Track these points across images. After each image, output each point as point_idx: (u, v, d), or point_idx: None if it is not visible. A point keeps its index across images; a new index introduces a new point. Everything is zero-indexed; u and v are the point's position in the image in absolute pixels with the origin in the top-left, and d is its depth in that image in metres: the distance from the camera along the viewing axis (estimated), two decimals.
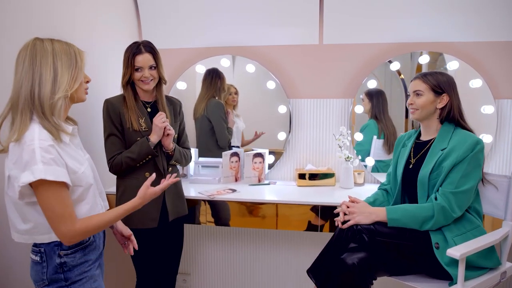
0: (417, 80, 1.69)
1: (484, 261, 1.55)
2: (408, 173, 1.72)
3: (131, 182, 1.81)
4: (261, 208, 2.06)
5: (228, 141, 2.54)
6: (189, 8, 2.45)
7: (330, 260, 1.63)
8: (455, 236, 1.54)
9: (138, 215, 1.73)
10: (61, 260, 1.24)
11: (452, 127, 1.66)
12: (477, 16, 2.20)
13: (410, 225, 1.58)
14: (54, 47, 1.23)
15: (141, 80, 1.80)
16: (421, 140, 1.75)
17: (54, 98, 1.20)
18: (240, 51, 2.51)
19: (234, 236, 2.59)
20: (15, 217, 1.24)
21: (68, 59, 1.25)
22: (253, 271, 2.60)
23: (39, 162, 1.11)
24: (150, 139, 1.77)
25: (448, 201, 1.54)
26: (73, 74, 1.25)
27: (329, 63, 2.42)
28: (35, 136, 1.15)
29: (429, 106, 1.66)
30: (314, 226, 2.02)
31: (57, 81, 1.21)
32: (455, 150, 1.57)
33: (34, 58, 1.20)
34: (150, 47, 1.82)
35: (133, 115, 1.80)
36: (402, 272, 1.60)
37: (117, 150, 1.80)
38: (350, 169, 2.29)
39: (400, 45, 2.34)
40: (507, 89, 2.23)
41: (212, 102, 2.52)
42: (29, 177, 1.11)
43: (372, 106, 2.41)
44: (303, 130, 2.50)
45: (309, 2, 2.33)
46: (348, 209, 1.68)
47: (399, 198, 1.77)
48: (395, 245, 1.55)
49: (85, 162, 1.32)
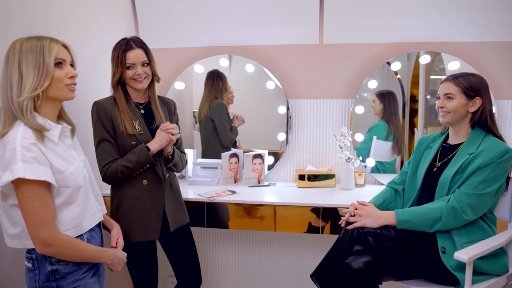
0: (448, 83, 1.62)
1: (491, 267, 1.53)
2: (431, 176, 1.67)
3: (128, 191, 1.69)
4: (260, 210, 2.03)
5: (231, 140, 2.53)
6: (187, 7, 2.41)
7: (334, 264, 1.60)
8: (464, 242, 1.51)
9: (139, 227, 1.69)
10: (52, 267, 1.20)
11: (483, 133, 1.60)
12: (478, 16, 2.19)
13: (420, 226, 1.55)
14: (22, 47, 1.19)
15: (134, 78, 1.67)
16: (448, 143, 1.70)
17: (20, 100, 1.15)
18: (239, 50, 2.47)
19: (233, 238, 2.56)
20: (5, 221, 1.21)
21: (34, 57, 1.18)
22: (253, 273, 2.57)
23: (19, 160, 1.08)
24: (150, 147, 1.64)
25: (461, 201, 1.50)
26: (41, 72, 1.18)
27: (329, 63, 2.40)
28: (18, 135, 1.12)
29: (461, 109, 1.60)
30: (315, 228, 2.00)
31: (22, 82, 1.17)
32: (482, 155, 1.52)
33: (7, 60, 1.19)
34: (140, 42, 1.70)
35: (126, 118, 1.66)
36: (408, 276, 1.58)
37: (111, 157, 1.65)
38: (350, 170, 2.27)
39: (400, 45, 2.32)
40: (508, 90, 2.23)
41: (215, 103, 2.50)
42: (8, 177, 1.08)
43: (384, 107, 2.39)
44: (303, 130, 2.48)
45: (309, 2, 2.30)
46: (356, 211, 1.66)
47: (416, 199, 1.71)
48: (400, 250, 1.53)
49: (76, 162, 1.27)
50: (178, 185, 1.90)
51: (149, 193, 1.71)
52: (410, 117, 2.37)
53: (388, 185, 1.89)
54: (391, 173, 2.42)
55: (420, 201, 1.72)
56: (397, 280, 1.58)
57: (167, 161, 1.76)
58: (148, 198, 1.70)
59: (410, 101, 2.36)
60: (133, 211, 1.69)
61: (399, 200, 1.82)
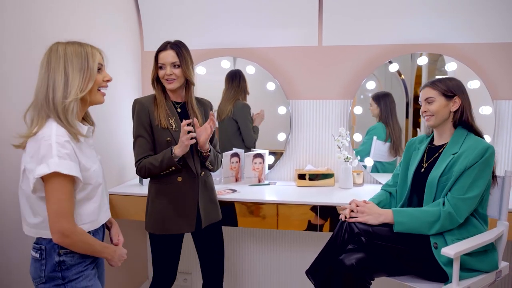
0: (427, 88, 1.70)
1: (481, 264, 1.57)
2: (419, 176, 1.73)
3: (163, 187, 1.77)
4: (261, 208, 2.08)
5: (254, 141, 2.57)
6: (189, 10, 2.48)
7: (328, 261, 1.65)
8: (456, 239, 1.55)
9: (173, 221, 1.76)
10: (60, 258, 1.27)
11: (465, 132, 1.67)
12: (475, 17, 2.22)
13: (416, 229, 1.58)
14: (66, 51, 1.27)
15: (165, 79, 1.75)
16: (434, 145, 1.76)
17: (66, 102, 1.24)
18: (240, 52, 2.53)
19: (235, 235, 2.62)
20: (27, 211, 1.28)
21: (79, 62, 1.27)
22: (255, 270, 2.63)
23: (55, 156, 1.16)
24: (174, 151, 1.69)
25: (456, 207, 1.55)
26: (85, 75, 1.28)
27: (328, 65, 2.45)
28: (52, 132, 1.20)
29: (443, 110, 1.67)
30: (314, 225, 2.04)
31: (68, 85, 1.25)
32: (465, 155, 1.58)
33: (49, 63, 1.25)
34: (176, 45, 1.77)
35: (162, 112, 1.74)
36: (400, 273, 1.62)
37: (144, 153, 1.75)
38: (349, 170, 2.32)
39: (398, 46, 2.36)
40: (505, 90, 2.25)
41: (239, 104, 2.53)
42: (44, 169, 1.15)
43: (380, 110, 2.43)
44: (303, 131, 2.53)
45: (308, 5, 2.36)
46: (357, 208, 1.70)
47: (407, 200, 1.77)
48: (392, 249, 1.57)
49: (97, 161, 1.36)
50: (212, 184, 1.93)
51: (184, 189, 1.78)
52: (414, 117, 2.41)
53: (382, 189, 1.94)
54: (391, 172, 2.45)
55: (411, 201, 1.77)
56: (389, 276, 1.62)
57: (203, 159, 1.81)
58: (182, 194, 1.78)
59: (413, 102, 2.39)
60: (169, 205, 1.77)
61: (394, 202, 1.87)
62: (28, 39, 1.67)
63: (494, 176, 1.66)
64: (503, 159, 2.30)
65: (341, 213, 1.72)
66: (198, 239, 1.95)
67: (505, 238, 1.63)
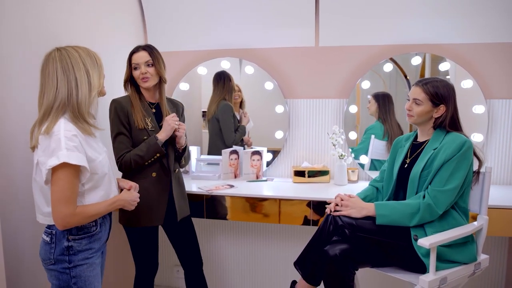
0: (418, 88, 1.72)
1: (459, 256, 1.62)
2: (403, 171, 1.79)
3: (138, 182, 1.79)
4: (258, 203, 2.15)
5: (234, 141, 2.65)
6: (191, 12, 2.57)
7: (314, 252, 1.73)
8: (435, 231, 1.61)
9: (145, 214, 1.86)
10: (68, 243, 1.39)
11: (444, 131, 1.72)
12: (468, 18, 2.26)
13: (397, 221, 1.65)
14: (80, 53, 1.41)
15: (140, 78, 1.85)
16: (417, 141, 1.82)
17: (92, 96, 1.41)
18: (240, 53, 2.62)
19: (231, 229, 2.71)
20: (40, 201, 1.41)
21: (91, 61, 1.43)
22: (250, 264, 2.70)
23: (64, 148, 1.29)
24: (158, 137, 1.81)
25: (436, 198, 1.61)
26: (99, 72, 1.45)
27: (324, 65, 2.51)
28: (61, 127, 1.33)
29: (425, 115, 1.72)
30: (310, 221, 2.11)
31: (90, 81, 1.41)
32: (444, 149, 1.64)
33: (66, 65, 1.38)
34: (148, 46, 1.88)
35: (139, 113, 1.84)
36: (382, 264, 1.68)
37: (126, 148, 1.83)
38: (343, 167, 2.38)
39: (393, 47, 2.41)
40: (498, 90, 2.29)
41: (221, 104, 2.63)
42: (54, 161, 1.28)
43: (378, 106, 2.49)
44: (300, 129, 2.60)
45: (305, 6, 2.43)
46: (342, 202, 1.77)
47: (392, 194, 1.84)
48: (374, 241, 1.64)
49: (103, 153, 1.48)
50: (183, 179, 2.07)
51: (157, 184, 1.89)
52: None
53: (370, 184, 2.00)
54: None
55: (396, 195, 1.83)
56: (372, 267, 1.69)
57: (179, 154, 1.95)
58: (156, 188, 1.88)
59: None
60: (142, 199, 1.85)
61: (380, 197, 1.93)
62: (32, 41, 1.73)
63: (476, 172, 1.71)
64: (495, 157, 2.33)
65: (327, 206, 1.80)
66: (171, 232, 2.06)
67: (484, 231, 1.67)
